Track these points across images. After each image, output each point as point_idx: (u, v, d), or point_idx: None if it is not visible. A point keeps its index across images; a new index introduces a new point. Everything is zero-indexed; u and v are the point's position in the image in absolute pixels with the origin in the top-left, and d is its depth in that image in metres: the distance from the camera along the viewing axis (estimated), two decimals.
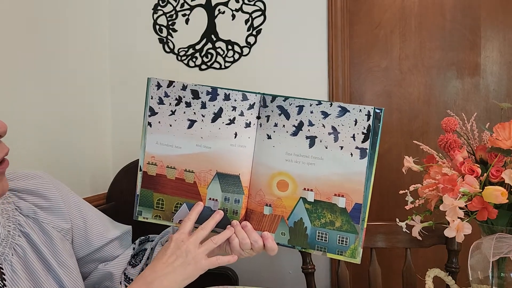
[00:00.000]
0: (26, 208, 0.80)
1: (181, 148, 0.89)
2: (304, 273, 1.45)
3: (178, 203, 0.90)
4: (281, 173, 0.85)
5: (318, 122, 0.83)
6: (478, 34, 1.87)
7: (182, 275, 0.79)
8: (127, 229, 0.97)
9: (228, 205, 0.88)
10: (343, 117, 0.82)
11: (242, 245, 0.86)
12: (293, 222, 0.86)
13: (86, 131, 1.88)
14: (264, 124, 0.87)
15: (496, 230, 0.89)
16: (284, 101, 0.85)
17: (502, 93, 1.88)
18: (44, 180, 0.85)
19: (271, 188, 0.86)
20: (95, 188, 1.89)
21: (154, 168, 0.90)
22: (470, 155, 0.98)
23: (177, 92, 0.89)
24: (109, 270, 0.91)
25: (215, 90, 0.87)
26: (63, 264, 0.81)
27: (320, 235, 0.84)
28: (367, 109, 0.81)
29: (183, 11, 1.99)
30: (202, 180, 0.88)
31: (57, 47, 1.68)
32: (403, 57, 1.93)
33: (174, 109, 0.89)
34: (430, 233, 1.14)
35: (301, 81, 1.90)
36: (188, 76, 1.98)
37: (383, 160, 1.95)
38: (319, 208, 0.84)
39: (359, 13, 1.94)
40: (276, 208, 0.86)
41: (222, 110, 0.87)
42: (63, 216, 0.84)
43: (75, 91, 1.78)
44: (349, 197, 0.82)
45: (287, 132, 0.85)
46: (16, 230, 0.77)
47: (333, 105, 0.83)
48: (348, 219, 0.82)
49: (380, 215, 1.93)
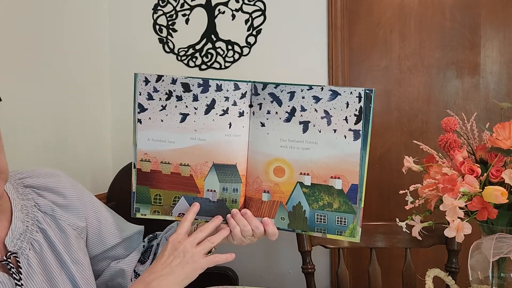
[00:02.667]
0: (45, 205, 0.83)
1: (175, 142, 0.88)
2: (304, 273, 1.45)
3: (176, 197, 0.90)
4: (277, 159, 0.86)
5: (310, 107, 0.84)
6: (478, 34, 1.87)
7: (181, 275, 0.80)
8: (139, 229, 1.00)
9: (226, 195, 0.89)
10: (334, 100, 0.83)
11: (243, 232, 0.86)
12: (291, 206, 0.87)
13: (86, 131, 1.88)
14: (257, 112, 0.87)
15: (496, 230, 0.89)
16: (275, 88, 0.86)
17: (502, 93, 1.88)
18: (62, 178, 0.88)
19: (268, 174, 0.87)
20: (95, 188, 1.89)
21: (148, 165, 0.89)
22: (470, 155, 0.98)
23: (167, 86, 0.87)
24: (121, 267, 0.94)
25: (207, 82, 0.87)
26: (77, 261, 0.84)
27: (319, 217, 0.86)
28: (357, 91, 0.82)
29: (183, 11, 1.98)
30: (198, 173, 0.88)
31: (57, 47, 1.68)
32: (403, 56, 1.93)
33: (164, 104, 0.88)
34: (430, 233, 1.14)
35: (301, 81, 1.87)
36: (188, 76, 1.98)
37: (383, 160, 1.95)
38: (316, 191, 0.85)
39: (359, 12, 1.94)
40: (274, 194, 0.88)
41: (215, 101, 0.87)
42: (79, 214, 0.87)
43: (75, 91, 1.78)
44: (345, 178, 0.83)
45: (280, 119, 0.86)
46: (34, 226, 0.80)
47: (324, 89, 0.84)
48: (345, 200, 0.84)
49: (380, 215, 1.93)
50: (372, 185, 1.97)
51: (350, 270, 1.84)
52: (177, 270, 0.80)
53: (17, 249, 0.76)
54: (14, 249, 0.76)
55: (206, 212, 0.89)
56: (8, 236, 0.76)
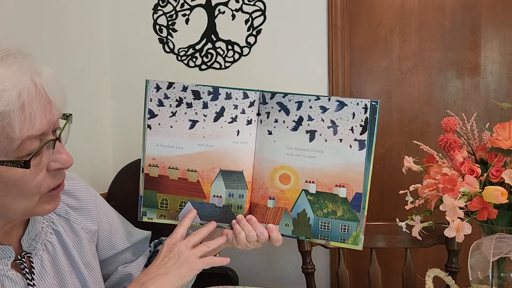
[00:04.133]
0: (60, 208, 0.83)
1: (183, 148, 0.89)
2: (304, 273, 1.45)
3: (183, 202, 0.91)
4: (283, 167, 0.88)
5: (317, 117, 0.86)
6: (478, 34, 1.87)
7: (176, 275, 0.80)
8: (147, 234, 1.01)
9: (232, 201, 0.90)
10: (341, 111, 0.85)
11: (248, 237, 0.88)
12: (296, 213, 0.88)
13: (86, 131, 1.88)
14: (265, 121, 0.89)
15: (496, 230, 0.89)
16: (284, 97, 0.88)
17: (502, 93, 1.88)
18: (76, 181, 0.89)
19: (274, 181, 0.88)
20: (95, 188, 1.88)
21: (155, 170, 0.90)
22: (470, 155, 0.98)
23: (178, 93, 0.89)
24: (129, 271, 0.95)
25: (217, 90, 0.88)
26: (88, 264, 0.85)
27: (323, 224, 0.87)
28: (364, 102, 0.84)
29: (183, 11, 1.99)
30: (205, 179, 0.90)
31: (57, 47, 1.68)
32: (403, 57, 1.93)
33: (174, 111, 0.89)
34: (430, 233, 1.14)
35: (301, 81, 1.90)
36: (188, 76, 1.98)
37: (383, 160, 1.95)
38: (321, 199, 0.87)
39: (359, 13, 1.94)
40: (279, 201, 0.89)
41: (224, 109, 0.88)
42: (92, 218, 0.88)
43: (75, 91, 1.78)
44: (350, 187, 0.85)
45: (287, 128, 0.87)
46: (49, 227, 0.82)
47: (331, 99, 0.86)
48: (349, 208, 0.85)
49: (380, 215, 1.93)
50: (372, 185, 1.96)
51: (350, 270, 1.84)
52: (172, 270, 0.80)
53: (31, 250, 0.77)
54: (29, 249, 0.77)
55: (211, 218, 0.90)
56: (24, 236, 0.77)
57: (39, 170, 0.68)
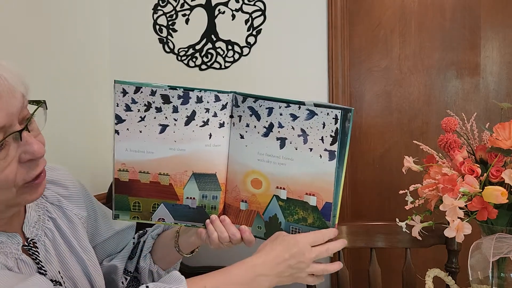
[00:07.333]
0: (51, 196, 0.87)
1: (154, 153, 0.88)
2: None
3: (155, 204, 0.91)
4: (254, 172, 0.87)
5: (288, 124, 0.84)
6: (478, 34, 1.87)
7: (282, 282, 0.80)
8: (130, 224, 1.03)
9: (206, 202, 0.90)
10: (311, 120, 0.83)
11: (220, 238, 0.88)
12: (268, 217, 0.88)
13: (86, 131, 1.88)
14: (237, 124, 0.88)
15: (496, 230, 0.89)
16: (254, 102, 0.86)
17: (502, 93, 1.88)
18: (63, 171, 0.92)
19: (246, 185, 0.88)
20: (95, 188, 1.89)
21: (126, 174, 0.90)
22: (470, 155, 0.98)
23: (146, 98, 0.85)
24: (114, 264, 0.98)
25: (187, 94, 0.85)
26: (86, 249, 0.88)
27: (293, 230, 0.87)
28: (334, 112, 0.81)
29: (183, 11, 1.99)
30: (178, 182, 0.89)
31: (57, 47, 1.68)
32: (403, 57, 1.93)
33: (143, 115, 0.86)
34: (430, 233, 1.14)
35: (301, 81, 1.90)
36: (188, 76, 1.98)
37: (383, 160, 1.95)
38: (291, 206, 0.86)
39: (359, 13, 1.94)
40: (251, 204, 0.89)
41: (195, 113, 0.86)
42: (81, 204, 0.92)
43: (75, 91, 1.78)
44: (320, 196, 0.84)
45: (258, 133, 0.86)
46: (45, 215, 0.84)
47: (301, 108, 0.83)
48: (319, 216, 0.85)
49: (380, 215, 1.93)
50: (372, 185, 1.97)
51: (350, 270, 1.84)
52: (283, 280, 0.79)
53: (34, 236, 0.80)
54: (32, 236, 0.80)
55: (185, 217, 0.91)
56: (25, 224, 0.80)
57: (7, 163, 0.67)
